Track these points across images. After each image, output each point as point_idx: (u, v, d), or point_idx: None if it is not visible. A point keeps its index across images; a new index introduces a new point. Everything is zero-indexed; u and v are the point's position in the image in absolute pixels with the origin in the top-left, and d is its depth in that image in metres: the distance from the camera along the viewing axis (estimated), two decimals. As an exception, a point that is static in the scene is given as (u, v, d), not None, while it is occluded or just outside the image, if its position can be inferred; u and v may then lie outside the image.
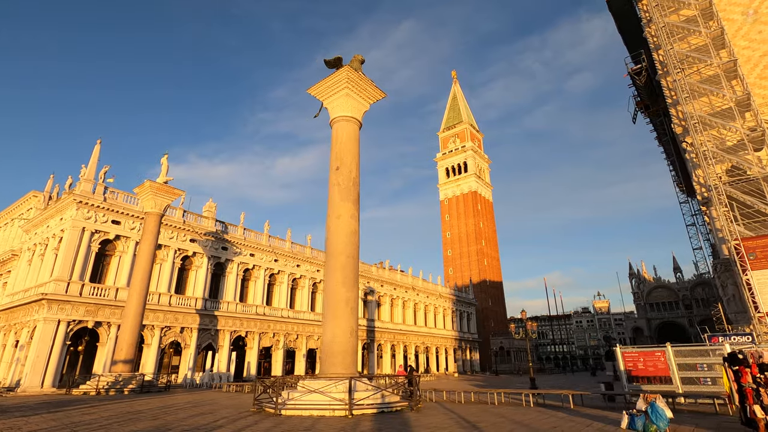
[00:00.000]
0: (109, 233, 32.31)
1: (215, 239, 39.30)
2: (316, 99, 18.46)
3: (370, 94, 18.11)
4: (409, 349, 61.06)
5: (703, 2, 19.10)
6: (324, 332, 14.55)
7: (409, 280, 65.03)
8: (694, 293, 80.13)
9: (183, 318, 35.13)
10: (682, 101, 17.88)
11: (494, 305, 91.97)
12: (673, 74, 17.91)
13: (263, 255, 43.58)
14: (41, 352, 27.23)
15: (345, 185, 16.17)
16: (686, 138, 19.34)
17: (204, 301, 36.93)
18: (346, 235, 15.48)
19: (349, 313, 14.64)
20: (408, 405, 13.67)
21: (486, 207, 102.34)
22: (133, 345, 25.45)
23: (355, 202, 16.29)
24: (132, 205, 33.96)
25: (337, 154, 16.79)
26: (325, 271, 15.49)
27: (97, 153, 32.48)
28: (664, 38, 18.77)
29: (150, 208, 28.14)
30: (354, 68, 17.32)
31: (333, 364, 13.82)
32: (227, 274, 40.17)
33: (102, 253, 32.40)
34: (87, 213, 31.09)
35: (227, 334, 38.07)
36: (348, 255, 15.25)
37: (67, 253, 29.70)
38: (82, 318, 29.47)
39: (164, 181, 28.91)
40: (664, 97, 25.01)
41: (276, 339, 42.34)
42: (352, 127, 17.44)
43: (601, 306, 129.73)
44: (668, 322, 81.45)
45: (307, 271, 48.16)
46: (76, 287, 29.41)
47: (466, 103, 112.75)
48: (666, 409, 8.50)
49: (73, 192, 31.10)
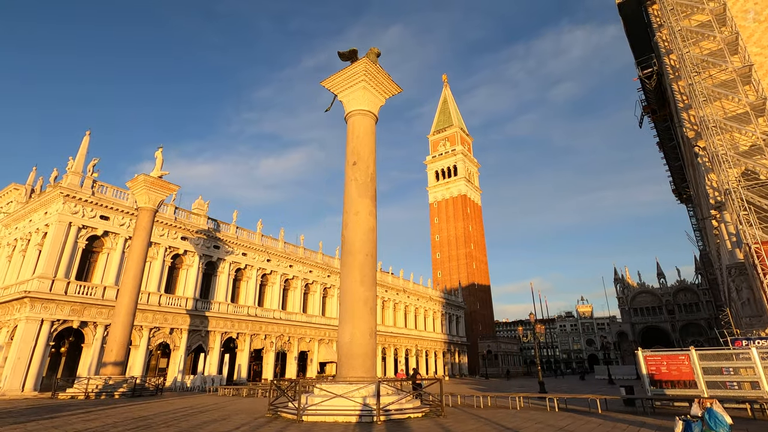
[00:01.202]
0: (97, 229, 30.85)
1: (207, 237, 38.06)
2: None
3: (386, 89, 17.56)
4: (400, 352, 60.48)
5: (717, 8, 19.26)
6: (341, 334, 13.88)
7: (401, 282, 64.53)
8: (677, 298, 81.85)
9: (173, 318, 33.81)
10: (697, 105, 17.90)
11: (482, 308, 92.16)
12: (690, 78, 17.93)
13: (256, 254, 42.45)
14: (22, 353, 25.68)
15: (363, 181, 15.56)
16: (698, 142, 19.42)
17: (195, 301, 35.65)
18: (364, 232, 14.86)
19: (368, 313, 14.03)
20: (431, 410, 13.11)
21: (475, 210, 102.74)
22: (124, 346, 24.21)
23: (373, 199, 15.70)
24: (122, 200, 32.57)
25: (354, 148, 16.17)
26: (342, 270, 14.84)
27: (85, 145, 31.01)
28: (679, 42, 18.83)
29: (143, 203, 26.93)
30: (372, 61, 16.75)
31: (353, 368, 13.16)
32: (219, 274, 38.94)
33: (89, 249, 30.91)
34: (74, 207, 29.62)
35: (218, 335, 36.84)
36: (366, 253, 14.63)
37: (52, 249, 28.19)
38: (67, 317, 27.97)
39: (158, 176, 27.74)
40: (669, 102, 25.25)
41: (268, 341, 41.21)
42: (369, 122, 16.85)
43: (585, 310, 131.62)
44: (652, 326, 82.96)
45: (300, 272, 47.16)
46: (61, 285, 27.92)
47: (456, 107, 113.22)
48: (725, 414, 8.14)
49: (59, 185, 29.58)
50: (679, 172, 35.23)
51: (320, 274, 49.82)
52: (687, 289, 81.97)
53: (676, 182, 37.52)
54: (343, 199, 15.79)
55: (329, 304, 50.75)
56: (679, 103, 20.67)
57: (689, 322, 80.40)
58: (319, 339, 46.74)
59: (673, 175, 36.64)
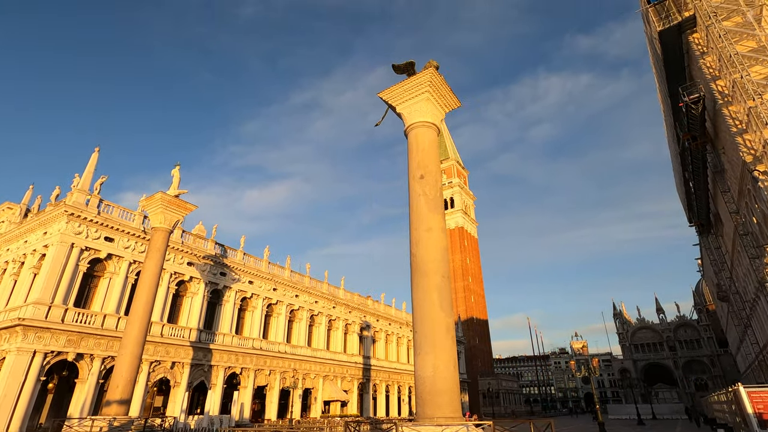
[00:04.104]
0: (100, 251, 28.52)
1: (214, 263, 35.81)
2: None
3: (447, 102, 16.68)
4: (403, 390, 57.38)
5: (768, 35, 19.40)
6: (421, 366, 12.15)
7: (403, 315, 62.23)
8: (677, 334, 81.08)
9: (175, 351, 31.02)
10: (759, 127, 17.52)
11: (481, 343, 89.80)
12: (752, 101, 17.65)
13: (262, 283, 40.14)
14: (10, 389, 22.75)
15: (432, 195, 14.28)
16: (758, 166, 18.98)
17: (198, 332, 32.98)
18: (438, 251, 13.44)
19: (450, 342, 12.41)
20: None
21: (472, 243, 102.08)
22: (131, 381, 21.54)
23: (443, 215, 14.39)
24: (128, 222, 30.45)
25: (420, 162, 14.99)
26: (415, 293, 13.26)
27: (94, 162, 29.21)
28: (737, 67, 18.74)
29: (158, 223, 24.96)
30: (436, 72, 15.90)
31: (439, 406, 11.37)
32: (224, 303, 36.43)
33: (90, 273, 28.44)
34: (78, 227, 27.40)
35: (221, 370, 33.95)
36: (443, 274, 13.17)
37: (52, 272, 25.73)
38: (62, 349, 25.18)
39: (176, 194, 25.95)
40: (710, 128, 25.12)
41: (272, 377, 38.25)
42: (433, 134, 15.81)
43: (579, 346, 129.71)
44: (654, 363, 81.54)
45: (305, 302, 44.78)
46: (58, 312, 25.31)
47: (452, 140, 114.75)
48: None
49: (63, 203, 27.44)
50: (698, 201, 35.09)
51: (326, 305, 47.46)
52: (687, 324, 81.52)
53: (695, 211, 37.31)
54: (409, 216, 14.45)
55: (333, 338, 48.13)
56: (732, 127, 20.44)
57: (692, 358, 79.34)
58: (324, 375, 43.83)
59: (690, 202, 36.58)
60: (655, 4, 24.61)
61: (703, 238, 43.00)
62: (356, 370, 48.75)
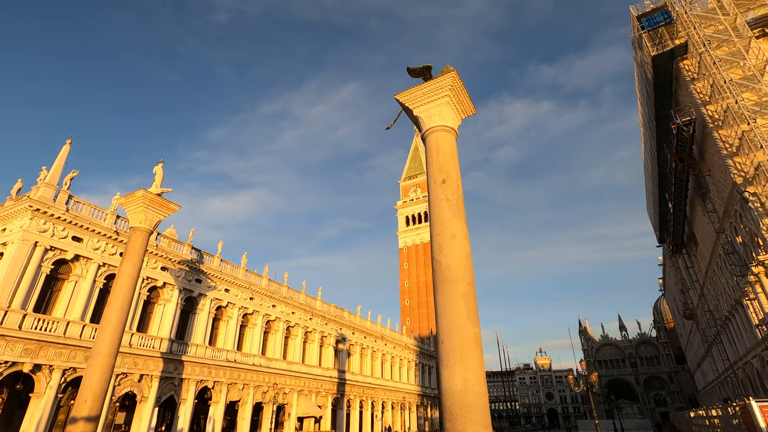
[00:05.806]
0: (66, 252, 26.15)
1: (190, 269, 33.74)
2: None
3: (465, 108, 16.28)
4: (377, 405, 56.01)
5: (759, 63, 20.55)
6: (449, 379, 11.37)
7: (379, 328, 61.18)
8: (639, 351, 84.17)
9: (143, 363, 28.71)
10: (753, 149, 18.37)
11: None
12: (745, 125, 18.55)
13: (239, 291, 38.22)
14: (-46, 405, 20.04)
15: (455, 200, 13.74)
16: (748, 188, 19.85)
17: (170, 342, 30.76)
18: (463, 257, 12.82)
19: (479, 353, 11.65)
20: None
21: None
22: (101, 396, 19.41)
23: (465, 221, 13.91)
24: (99, 221, 28.20)
25: (441, 166, 14.44)
26: (440, 301, 12.56)
27: (64, 155, 27.02)
28: (730, 93, 19.72)
29: (139, 222, 23.08)
30: (457, 77, 15.60)
31: (471, 422, 10.58)
32: (198, 312, 34.30)
33: (53, 276, 25.97)
34: (43, 224, 25.04)
35: (192, 384, 31.73)
36: (469, 282, 12.52)
37: (10, 273, 23.26)
38: (18, 359, 22.64)
39: (158, 193, 24.22)
40: (696, 151, 26.26)
41: (245, 392, 36.16)
42: (452, 139, 15.32)
43: (543, 363, 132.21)
44: (617, 379, 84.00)
45: (282, 312, 43.03)
46: (15, 318, 22.81)
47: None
48: None
49: (28, 197, 25.03)
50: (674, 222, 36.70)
51: (302, 316, 45.80)
52: (648, 342, 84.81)
53: (669, 231, 39.05)
54: (431, 222, 13.86)
55: (309, 351, 46.40)
56: (722, 150, 21.41)
57: (652, 375, 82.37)
58: (299, 390, 41.99)
59: (665, 222, 38.32)
60: (649, 31, 25.81)
61: (673, 258, 45.03)
62: (331, 385, 47.10)
